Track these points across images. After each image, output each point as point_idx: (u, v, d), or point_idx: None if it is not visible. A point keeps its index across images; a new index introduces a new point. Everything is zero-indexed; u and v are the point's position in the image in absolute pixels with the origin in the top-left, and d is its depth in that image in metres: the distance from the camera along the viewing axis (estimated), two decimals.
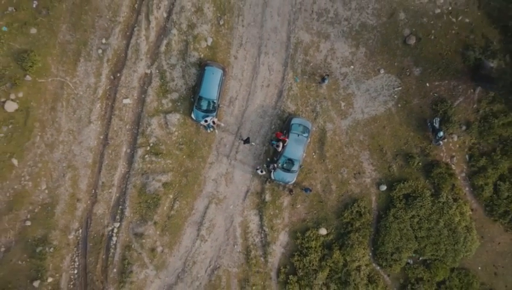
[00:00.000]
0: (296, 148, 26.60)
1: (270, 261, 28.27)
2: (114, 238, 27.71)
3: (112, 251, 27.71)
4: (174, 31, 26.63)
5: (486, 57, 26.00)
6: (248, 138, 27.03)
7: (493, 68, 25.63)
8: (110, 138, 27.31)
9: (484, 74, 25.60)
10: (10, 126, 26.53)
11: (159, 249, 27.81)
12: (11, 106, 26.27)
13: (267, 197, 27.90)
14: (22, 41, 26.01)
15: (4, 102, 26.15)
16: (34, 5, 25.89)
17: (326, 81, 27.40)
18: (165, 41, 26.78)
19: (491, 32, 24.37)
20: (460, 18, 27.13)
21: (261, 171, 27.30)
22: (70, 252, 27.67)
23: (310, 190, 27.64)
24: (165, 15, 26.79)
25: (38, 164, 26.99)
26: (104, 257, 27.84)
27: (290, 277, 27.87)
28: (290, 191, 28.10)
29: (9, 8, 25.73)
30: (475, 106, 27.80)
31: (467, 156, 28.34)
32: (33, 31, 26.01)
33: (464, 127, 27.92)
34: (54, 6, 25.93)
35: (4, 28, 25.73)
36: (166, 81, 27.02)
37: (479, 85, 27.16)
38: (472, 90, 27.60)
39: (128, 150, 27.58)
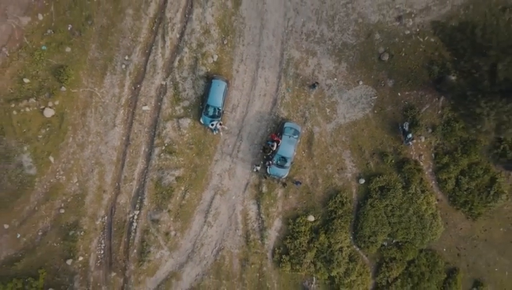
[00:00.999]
0: (288, 147, 31.65)
1: (266, 244, 33.36)
2: (134, 224, 32.77)
3: (133, 234, 32.77)
4: (186, 49, 31.67)
5: (447, 72, 31.05)
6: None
7: (453, 81, 30.64)
8: (131, 139, 32.36)
9: (439, 87, 30.67)
10: (48, 129, 31.56)
11: (172, 233, 32.88)
12: (48, 112, 31.28)
13: (264, 189, 32.98)
14: (59, 58, 31.02)
15: (43, 109, 31.17)
16: (69, 28, 30.91)
17: (316, 87, 32.47)
18: (178, 58, 31.81)
19: (446, 53, 29.36)
20: (426, 38, 32.23)
21: (256, 170, 32.46)
22: (97, 236, 32.76)
23: (300, 183, 32.75)
24: (178, 36, 31.81)
25: (70, 161, 32.04)
26: (126, 239, 32.91)
27: (283, 256, 32.97)
28: (284, 184, 33.17)
29: (48, 31, 30.74)
30: (439, 112, 32.86)
31: (432, 155, 33.42)
32: (68, 49, 31.02)
33: (430, 130, 32.98)
34: (86, 29, 30.94)
35: (44, 47, 30.75)
36: (178, 91, 32.08)
37: (442, 94, 32.27)
38: (437, 99, 32.70)
39: (147, 149, 32.61)
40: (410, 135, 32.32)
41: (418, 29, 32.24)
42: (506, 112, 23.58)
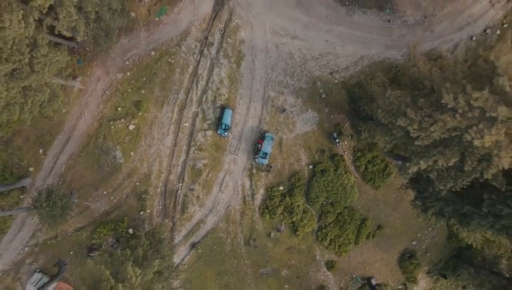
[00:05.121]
0: (267, 147, 55.38)
1: (255, 203, 57.35)
2: (179, 191, 56.55)
3: (178, 197, 56.54)
4: (209, 91, 55.45)
5: (358, 106, 55.11)
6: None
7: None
8: (177, 142, 56.06)
9: (353, 113, 54.80)
10: (130, 136, 55.15)
11: (201, 196, 56.73)
12: (131, 127, 54.86)
13: (254, 171, 56.93)
14: (137, 96, 54.60)
15: (128, 125, 54.70)
16: (144, 80, 54.55)
17: (286, 112, 56.30)
18: (205, 96, 55.53)
19: (353, 99, 53.46)
20: (349, 83, 56.18)
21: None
22: (157, 198, 56.52)
23: (272, 167, 56.61)
24: (205, 83, 55.51)
25: (142, 155, 55.71)
26: (174, 200, 56.68)
27: (265, 210, 56.95)
28: (268, 171, 56.97)
29: (132, 81, 54.30)
30: (358, 126, 56.84)
31: (351, 151, 57.56)
32: (143, 91, 54.64)
33: (349, 137, 56.97)
34: (153, 80, 54.52)
35: (129, 90, 54.31)
36: (205, 115, 55.86)
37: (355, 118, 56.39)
38: (353, 120, 56.72)
39: (186, 148, 56.31)
40: (337, 140, 56.40)
41: (342, 80, 56.30)
42: (373, 130, 47.62)
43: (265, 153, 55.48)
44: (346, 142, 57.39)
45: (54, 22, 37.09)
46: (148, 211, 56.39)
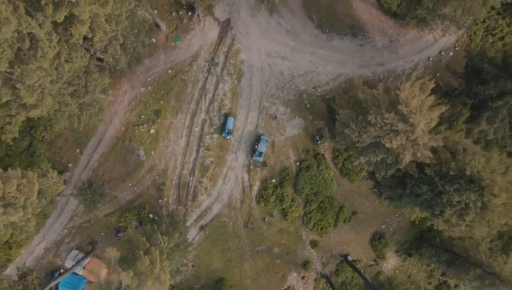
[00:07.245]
0: (262, 147, 68.19)
1: (252, 193, 70.21)
2: (190, 183, 69.29)
3: (190, 188, 69.29)
4: (215, 102, 68.23)
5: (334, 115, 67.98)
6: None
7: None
8: (189, 143, 68.78)
9: (333, 121, 67.72)
10: (151, 139, 67.84)
11: (208, 188, 69.54)
12: (152, 131, 67.56)
13: (251, 167, 69.75)
14: (157, 106, 67.27)
15: (149, 129, 67.38)
16: (162, 92, 67.20)
17: (277, 119, 69.12)
18: (211, 106, 68.31)
19: (329, 109, 66.27)
20: (326, 97, 69.11)
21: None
22: (173, 189, 69.27)
23: (266, 164, 69.53)
24: (211, 96, 68.24)
25: (161, 154, 68.44)
26: (186, 191, 69.45)
27: (260, 199, 69.81)
28: (263, 166, 69.77)
29: (153, 94, 67.02)
30: (334, 131, 69.77)
31: (331, 151, 70.51)
32: (161, 102, 67.31)
33: (329, 139, 69.87)
34: (169, 93, 67.24)
35: (150, 101, 66.96)
36: (212, 121, 68.62)
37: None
38: (332, 125, 69.62)
39: (196, 148, 69.05)
40: (319, 142, 69.31)
41: (323, 93, 69.21)
42: (343, 134, 60.51)
43: (261, 152, 68.24)
44: (326, 144, 70.31)
45: (102, 54, 49.77)
46: (165, 199, 69.11)
